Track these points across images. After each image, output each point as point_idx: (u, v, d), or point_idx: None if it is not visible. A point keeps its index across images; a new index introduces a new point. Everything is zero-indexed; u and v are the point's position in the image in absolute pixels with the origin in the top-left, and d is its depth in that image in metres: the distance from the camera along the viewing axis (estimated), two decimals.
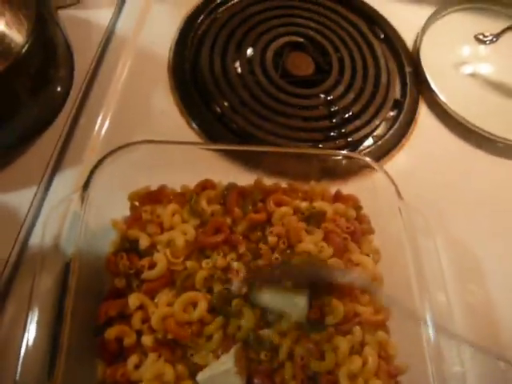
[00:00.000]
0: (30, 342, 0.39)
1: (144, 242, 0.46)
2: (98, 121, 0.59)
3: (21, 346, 0.38)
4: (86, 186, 0.45)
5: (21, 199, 0.52)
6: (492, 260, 0.59)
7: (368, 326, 0.46)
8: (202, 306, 0.44)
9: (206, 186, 0.50)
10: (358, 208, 0.53)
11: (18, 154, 0.54)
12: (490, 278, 0.58)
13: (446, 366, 0.44)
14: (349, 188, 0.55)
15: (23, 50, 0.49)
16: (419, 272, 0.48)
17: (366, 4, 0.76)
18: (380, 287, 0.50)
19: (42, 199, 0.53)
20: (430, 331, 0.45)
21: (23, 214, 0.51)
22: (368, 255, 0.51)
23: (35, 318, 0.40)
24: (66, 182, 0.54)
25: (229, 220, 0.47)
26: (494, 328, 0.56)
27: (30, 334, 0.39)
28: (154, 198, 0.50)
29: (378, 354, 0.44)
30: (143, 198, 0.50)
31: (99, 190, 0.47)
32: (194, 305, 0.44)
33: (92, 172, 0.46)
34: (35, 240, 0.50)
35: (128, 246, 0.46)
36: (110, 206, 0.49)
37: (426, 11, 0.76)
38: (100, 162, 0.46)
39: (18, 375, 0.37)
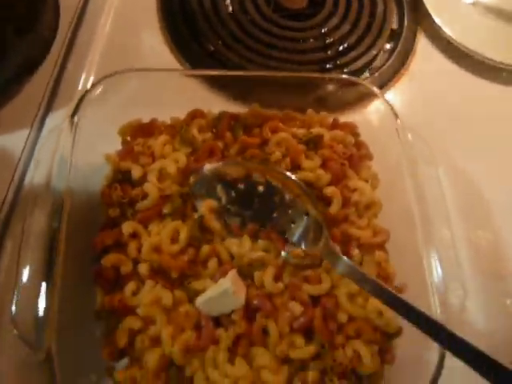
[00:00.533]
0: (25, 278, 0.39)
1: (137, 173, 0.45)
2: (87, 61, 0.58)
3: (15, 283, 0.38)
4: (74, 113, 0.44)
5: (14, 141, 0.52)
6: (496, 190, 0.57)
7: (367, 248, 0.46)
8: (183, 235, 0.43)
9: (196, 115, 0.49)
10: (355, 135, 0.51)
11: (9, 97, 0.54)
12: (495, 210, 0.56)
13: (448, 291, 0.44)
14: (345, 118, 0.54)
15: None
16: (420, 200, 0.47)
17: None
18: (378, 212, 0.49)
19: (35, 139, 0.52)
20: (432, 260, 0.44)
21: (18, 155, 0.51)
22: (366, 181, 0.50)
23: (29, 255, 0.40)
24: (58, 121, 0.53)
25: (221, 145, 0.46)
26: (499, 263, 0.55)
27: (24, 271, 0.39)
28: (145, 130, 0.49)
29: (377, 273, 0.44)
30: (134, 132, 0.49)
31: (88, 124, 0.46)
32: None
33: (81, 99, 0.45)
34: (30, 180, 0.50)
35: (121, 178, 0.46)
36: (103, 141, 0.48)
37: None
38: (88, 91, 0.46)
39: (13, 310, 0.37)
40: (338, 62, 0.60)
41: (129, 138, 0.49)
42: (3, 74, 0.53)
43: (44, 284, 0.39)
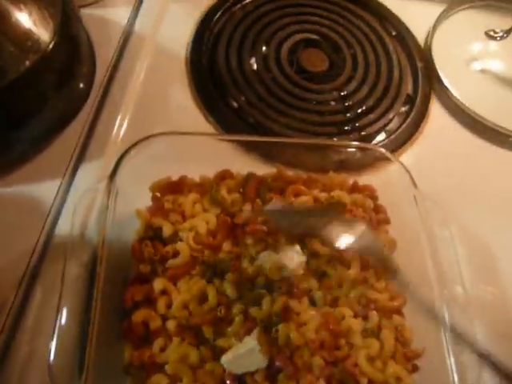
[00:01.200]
0: (62, 327, 0.40)
1: (167, 230, 0.47)
2: (119, 115, 0.60)
3: (53, 331, 0.40)
4: (112, 176, 0.47)
5: (46, 190, 0.54)
6: (506, 252, 0.60)
7: (384, 311, 0.47)
8: (211, 297, 0.45)
9: (225, 176, 0.51)
10: (374, 198, 0.54)
11: (43, 146, 0.56)
12: (505, 271, 0.59)
13: (463, 354, 0.45)
14: (364, 180, 0.57)
15: (50, 47, 0.51)
16: (436, 262, 0.49)
17: (377, 2, 0.77)
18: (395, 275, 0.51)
19: (67, 190, 0.55)
20: (448, 321, 0.46)
21: (49, 204, 0.53)
22: (384, 245, 0.52)
23: (66, 304, 0.41)
24: (90, 173, 0.56)
25: (249, 207, 0.49)
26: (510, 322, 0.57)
27: (62, 319, 0.41)
28: (174, 188, 0.51)
29: (395, 337, 0.46)
30: (164, 189, 0.51)
31: (123, 180, 0.48)
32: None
33: (118, 163, 0.47)
34: (61, 229, 0.52)
35: (152, 234, 0.48)
36: (134, 197, 0.50)
37: (437, 8, 0.77)
38: (125, 153, 0.48)
39: (51, 357, 0.39)
40: (357, 125, 0.63)
41: (159, 195, 0.51)
42: (39, 127, 0.55)
43: (82, 334, 0.40)
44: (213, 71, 0.66)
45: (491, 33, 0.72)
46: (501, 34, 0.71)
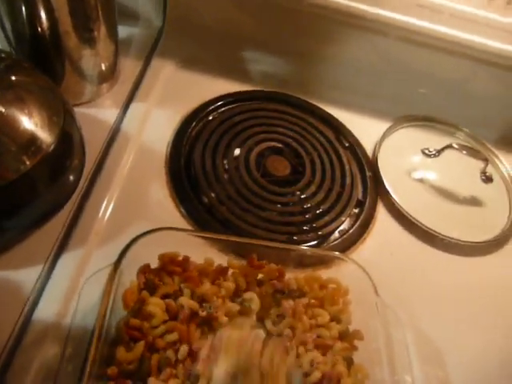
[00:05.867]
0: None
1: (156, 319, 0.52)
2: (102, 207, 0.66)
3: None
4: (117, 264, 0.52)
5: (27, 277, 0.58)
6: (451, 347, 0.67)
7: None
8: None
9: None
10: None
11: (28, 234, 0.61)
12: (450, 362, 0.66)
13: None
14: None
15: (50, 149, 0.57)
16: (390, 360, 0.55)
17: (333, 116, 0.90)
18: None
19: (47, 277, 0.59)
20: None
21: (28, 291, 0.57)
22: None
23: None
24: (71, 261, 0.60)
25: None
26: None
27: None
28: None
29: None
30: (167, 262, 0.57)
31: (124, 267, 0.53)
32: None
33: (123, 253, 0.53)
34: (39, 315, 0.56)
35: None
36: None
37: (384, 124, 0.91)
38: (131, 243, 0.54)
39: None
40: (314, 225, 0.72)
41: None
42: (27, 218, 0.60)
43: None
44: (189, 171, 0.74)
45: (426, 151, 0.85)
46: (434, 152, 0.85)
